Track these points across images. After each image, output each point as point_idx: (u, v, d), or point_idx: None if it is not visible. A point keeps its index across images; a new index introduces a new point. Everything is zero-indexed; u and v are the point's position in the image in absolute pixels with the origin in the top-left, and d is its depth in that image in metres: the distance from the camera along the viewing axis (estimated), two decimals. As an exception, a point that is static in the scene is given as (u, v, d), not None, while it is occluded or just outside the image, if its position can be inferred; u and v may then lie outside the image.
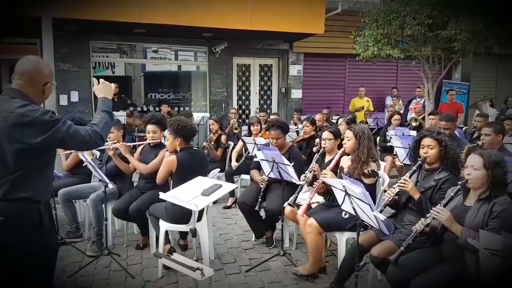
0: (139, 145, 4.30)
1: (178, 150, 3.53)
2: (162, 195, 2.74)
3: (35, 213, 1.98)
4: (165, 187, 3.59)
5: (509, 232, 2.09)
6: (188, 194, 2.69)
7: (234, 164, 5.40)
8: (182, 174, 3.08)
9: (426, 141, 2.93)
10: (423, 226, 2.49)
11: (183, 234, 3.98)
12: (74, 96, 8.52)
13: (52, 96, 6.44)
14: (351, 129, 3.44)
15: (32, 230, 1.98)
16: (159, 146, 3.97)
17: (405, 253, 2.53)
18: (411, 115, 8.15)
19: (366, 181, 3.27)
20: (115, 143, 3.88)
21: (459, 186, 2.51)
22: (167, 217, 3.42)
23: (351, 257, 2.92)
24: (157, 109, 8.99)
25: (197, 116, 8.42)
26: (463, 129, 6.91)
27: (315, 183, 3.51)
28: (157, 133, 3.95)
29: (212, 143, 5.72)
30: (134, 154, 4.08)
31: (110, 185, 3.50)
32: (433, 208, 2.49)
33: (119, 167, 3.98)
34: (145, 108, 9.29)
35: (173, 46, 9.42)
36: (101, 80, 2.35)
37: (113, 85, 2.50)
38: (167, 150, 3.67)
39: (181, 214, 3.26)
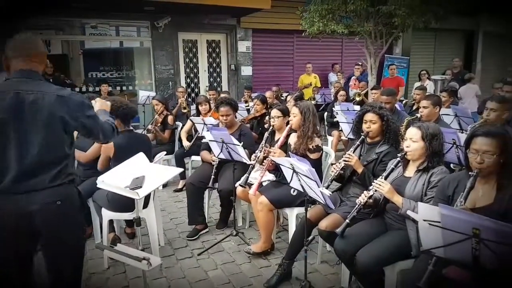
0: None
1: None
2: (99, 184, 2.59)
3: (77, 196, 2.10)
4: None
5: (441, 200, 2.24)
6: (128, 178, 2.56)
7: (186, 144, 5.25)
8: (120, 160, 2.86)
9: (369, 116, 3.01)
10: (366, 199, 2.57)
11: (129, 222, 3.84)
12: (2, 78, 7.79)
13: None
14: (296, 105, 3.46)
15: (78, 213, 2.13)
16: None
17: (350, 225, 2.61)
18: (352, 91, 8.40)
19: (312, 156, 3.33)
20: None
21: (398, 158, 2.61)
22: (109, 206, 3.27)
23: (301, 232, 2.98)
24: (97, 89, 8.52)
25: (142, 96, 8.11)
26: (404, 102, 7.22)
27: (265, 161, 3.52)
28: None
29: (159, 124, 5.52)
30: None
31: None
32: (375, 180, 2.58)
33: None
34: (84, 88, 8.75)
35: (113, 21, 8.87)
36: (97, 99, 2.49)
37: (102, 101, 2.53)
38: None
39: (124, 202, 3.03)
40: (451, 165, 3.43)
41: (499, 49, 13.81)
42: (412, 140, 2.54)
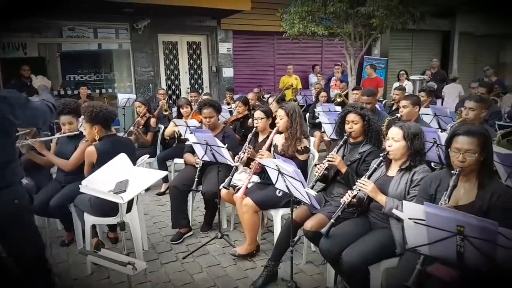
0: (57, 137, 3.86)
1: (97, 139, 3.25)
2: (82, 188, 2.54)
3: (25, 191, 2.35)
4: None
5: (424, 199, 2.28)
6: (111, 182, 2.52)
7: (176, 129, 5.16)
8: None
9: (351, 116, 3.04)
10: (350, 198, 2.60)
11: (112, 227, 3.77)
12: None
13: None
14: (282, 107, 3.47)
15: (30, 206, 2.44)
16: (78, 136, 3.61)
17: (335, 225, 2.63)
18: (333, 92, 8.50)
19: (300, 157, 3.36)
20: (26, 138, 3.45)
21: (381, 158, 2.65)
22: (92, 210, 3.20)
23: (286, 233, 2.99)
24: (76, 92, 8.35)
25: (122, 98, 7.98)
26: (383, 102, 7.35)
27: (252, 163, 3.52)
28: (74, 124, 3.59)
29: (141, 127, 5.44)
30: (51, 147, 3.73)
31: (25, 180, 3.16)
32: (358, 180, 2.61)
33: (35, 161, 3.61)
34: (62, 92, 8.56)
35: (90, 23, 8.70)
36: (39, 76, 2.67)
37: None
38: (87, 141, 3.40)
39: (107, 206, 3.01)
40: (432, 164, 3.50)
41: (474, 49, 14.25)
42: (394, 140, 2.58)
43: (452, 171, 2.11)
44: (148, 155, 3.71)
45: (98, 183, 2.59)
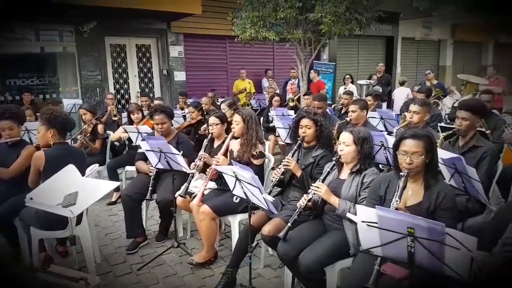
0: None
1: (51, 144, 3.08)
2: (27, 202, 2.39)
3: None
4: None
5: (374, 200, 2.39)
6: (59, 195, 2.39)
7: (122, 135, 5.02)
8: (51, 174, 2.65)
9: (304, 121, 3.12)
10: (306, 202, 2.67)
11: (61, 240, 3.56)
12: None
13: None
14: (239, 113, 3.50)
15: None
16: (20, 144, 3.40)
17: (292, 228, 2.69)
18: (289, 95, 8.67)
19: (256, 162, 3.39)
20: None
21: (333, 162, 2.75)
22: (39, 224, 3.01)
23: (244, 239, 3.00)
24: (17, 98, 7.83)
25: (67, 104, 7.61)
26: (332, 106, 7.60)
27: (208, 170, 3.49)
28: (15, 129, 3.38)
29: (88, 134, 5.20)
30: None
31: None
32: (312, 184, 2.69)
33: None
34: (1, 98, 8.00)
35: (32, 25, 8.21)
36: None
37: None
38: (37, 145, 3.20)
39: (55, 220, 2.81)
40: (380, 166, 3.67)
41: (416, 53, 15.17)
42: (345, 144, 2.68)
43: (401, 173, 2.23)
44: (97, 164, 3.55)
45: (45, 196, 2.45)
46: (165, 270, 3.40)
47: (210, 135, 3.77)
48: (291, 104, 7.47)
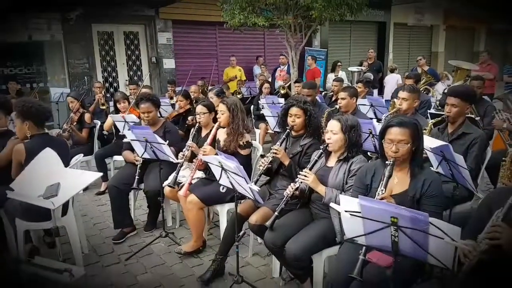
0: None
1: (29, 136, 3.02)
2: (9, 194, 2.34)
3: None
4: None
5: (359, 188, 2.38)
6: (41, 186, 2.34)
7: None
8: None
9: (293, 110, 3.08)
10: (293, 190, 2.65)
11: (48, 230, 3.53)
12: None
13: None
14: (223, 102, 3.43)
15: None
16: (6, 134, 3.33)
17: (279, 217, 2.67)
18: (278, 82, 8.58)
19: (243, 152, 3.35)
20: None
21: (321, 150, 2.72)
22: (23, 215, 2.97)
23: (232, 228, 2.98)
24: (4, 87, 7.67)
25: (54, 93, 7.49)
26: (323, 93, 7.55)
27: (194, 159, 3.45)
28: (1, 119, 3.33)
29: (75, 123, 5.12)
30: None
31: None
32: (300, 172, 2.66)
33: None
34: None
35: (19, 13, 7.99)
36: None
37: None
38: (16, 138, 3.14)
39: (40, 211, 2.68)
40: (368, 153, 3.65)
41: (408, 39, 15.10)
42: (333, 132, 2.65)
43: (386, 162, 2.20)
44: (82, 154, 3.49)
45: (27, 187, 2.40)
46: (153, 260, 3.38)
47: (197, 124, 3.71)
48: (282, 92, 7.39)
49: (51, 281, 2.12)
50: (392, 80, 8.91)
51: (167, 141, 3.32)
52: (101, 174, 2.55)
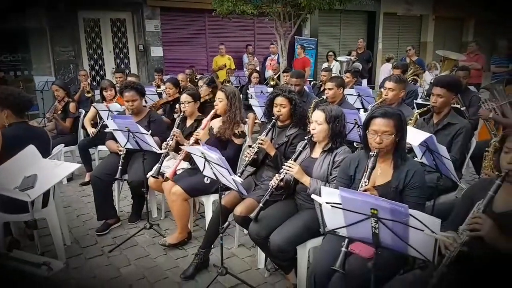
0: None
1: (6, 125, 2.93)
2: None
3: None
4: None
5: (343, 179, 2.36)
6: (18, 178, 2.28)
7: (90, 130, 4.86)
8: (9, 155, 2.50)
9: (279, 99, 3.04)
10: (278, 181, 2.62)
11: (28, 223, 3.46)
12: None
13: None
14: (222, 90, 3.40)
15: None
16: None
17: (264, 209, 2.65)
18: (268, 72, 8.50)
19: (237, 141, 3.34)
20: None
21: (306, 141, 2.69)
22: (3, 207, 2.89)
23: (216, 220, 2.95)
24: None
25: (39, 81, 7.33)
26: (312, 83, 7.51)
27: (180, 151, 3.40)
28: None
29: (59, 112, 5.01)
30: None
31: None
32: (285, 163, 2.63)
33: None
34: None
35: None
36: None
37: None
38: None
39: (19, 202, 2.60)
40: (354, 143, 3.63)
41: (398, 29, 15.08)
42: (317, 123, 2.62)
43: (370, 153, 2.18)
44: (63, 145, 3.41)
45: (3, 179, 2.33)
46: (137, 252, 3.34)
47: (182, 113, 3.65)
48: (271, 83, 7.32)
49: (28, 275, 2.06)
50: (386, 69, 8.92)
51: (150, 131, 3.26)
52: (78, 165, 2.49)
